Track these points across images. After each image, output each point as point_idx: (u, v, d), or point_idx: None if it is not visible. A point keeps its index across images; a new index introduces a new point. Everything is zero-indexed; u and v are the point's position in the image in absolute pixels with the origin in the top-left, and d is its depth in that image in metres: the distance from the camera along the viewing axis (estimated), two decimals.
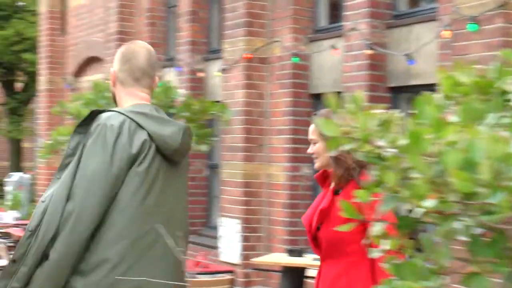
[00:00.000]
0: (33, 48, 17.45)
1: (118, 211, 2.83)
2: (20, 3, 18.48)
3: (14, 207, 13.66)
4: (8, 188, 14.68)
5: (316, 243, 3.38)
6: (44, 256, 2.80)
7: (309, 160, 8.45)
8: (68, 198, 2.81)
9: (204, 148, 5.08)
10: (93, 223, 2.80)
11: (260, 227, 8.66)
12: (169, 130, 2.93)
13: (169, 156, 2.95)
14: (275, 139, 8.57)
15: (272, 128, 8.60)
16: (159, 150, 2.91)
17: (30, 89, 19.64)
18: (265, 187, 8.68)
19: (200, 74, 9.90)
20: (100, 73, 12.14)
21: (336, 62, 7.89)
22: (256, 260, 7.17)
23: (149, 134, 2.88)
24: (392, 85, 7.13)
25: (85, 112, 5.83)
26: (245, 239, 8.61)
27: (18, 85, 20.65)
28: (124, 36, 11.27)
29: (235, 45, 8.78)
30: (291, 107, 8.34)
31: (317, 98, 8.39)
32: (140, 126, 2.88)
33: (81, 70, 13.04)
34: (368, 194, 1.99)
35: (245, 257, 8.59)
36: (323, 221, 3.31)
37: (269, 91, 8.69)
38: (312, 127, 3.40)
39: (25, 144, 21.21)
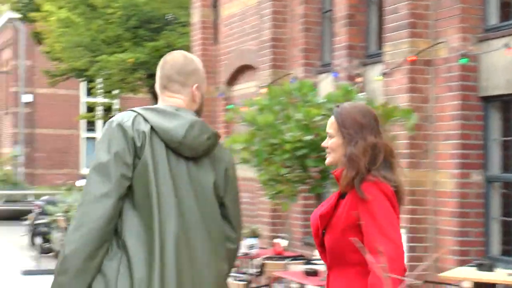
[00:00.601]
0: None
1: (130, 204, 2.89)
2: (170, 16, 18.87)
3: None
4: None
5: (323, 249, 3.12)
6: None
7: (479, 166, 8.02)
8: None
9: None
10: (108, 211, 2.83)
11: (427, 237, 8.28)
12: (174, 123, 2.96)
13: (176, 149, 2.96)
14: (442, 144, 8.15)
15: (438, 133, 8.20)
16: (167, 145, 2.96)
17: None
18: (431, 195, 8.28)
19: (359, 79, 9.63)
20: (253, 81, 12.12)
21: (509, 62, 7.41)
22: (443, 275, 6.79)
23: (152, 127, 2.95)
24: None
25: (260, 118, 5.70)
26: (411, 249, 8.24)
27: None
28: (277, 43, 11.18)
29: (397, 48, 8.45)
30: (459, 110, 7.91)
31: (487, 101, 7.93)
32: (145, 120, 2.97)
33: (233, 79, 13.06)
34: None
35: (411, 268, 8.22)
36: (326, 226, 3.07)
37: (434, 94, 8.30)
38: (330, 120, 3.14)
39: None
